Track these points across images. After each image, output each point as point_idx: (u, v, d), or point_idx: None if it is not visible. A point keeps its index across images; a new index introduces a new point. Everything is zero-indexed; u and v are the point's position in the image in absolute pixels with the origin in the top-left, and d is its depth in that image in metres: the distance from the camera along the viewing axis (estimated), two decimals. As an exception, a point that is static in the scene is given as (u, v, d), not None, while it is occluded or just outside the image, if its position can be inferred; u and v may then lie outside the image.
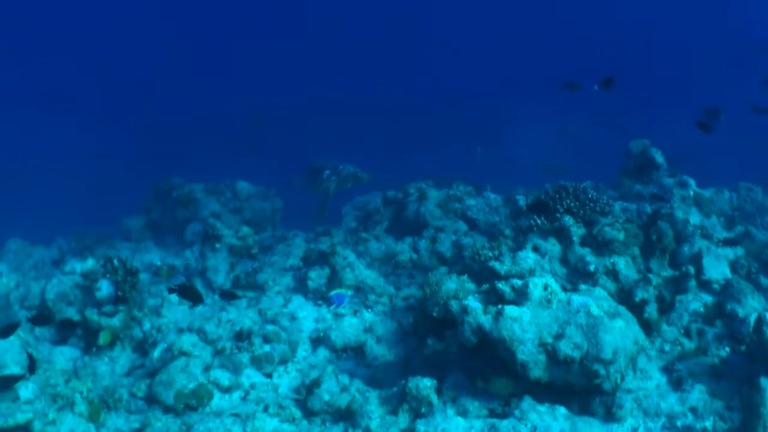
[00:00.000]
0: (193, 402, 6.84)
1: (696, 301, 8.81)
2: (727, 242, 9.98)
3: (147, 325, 8.35)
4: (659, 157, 12.82)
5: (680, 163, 13.37)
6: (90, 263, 8.90)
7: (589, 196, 9.13)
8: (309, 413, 6.91)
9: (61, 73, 41.64)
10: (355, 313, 9.13)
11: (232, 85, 42.88)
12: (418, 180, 13.90)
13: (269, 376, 7.79)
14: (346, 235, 12.41)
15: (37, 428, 5.73)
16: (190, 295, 6.92)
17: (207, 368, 7.45)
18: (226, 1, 48.98)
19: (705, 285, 9.27)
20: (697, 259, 9.58)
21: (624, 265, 8.33)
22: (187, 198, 14.27)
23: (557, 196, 9.17)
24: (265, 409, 6.56)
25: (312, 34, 49.87)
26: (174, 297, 9.61)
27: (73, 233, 14.72)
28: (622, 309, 7.14)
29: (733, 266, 9.73)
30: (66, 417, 5.95)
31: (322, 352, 8.38)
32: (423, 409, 6.59)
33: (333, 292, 8.39)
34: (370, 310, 9.29)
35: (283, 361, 8.03)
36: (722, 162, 19.57)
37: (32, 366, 6.22)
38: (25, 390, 6.00)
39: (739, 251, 10.19)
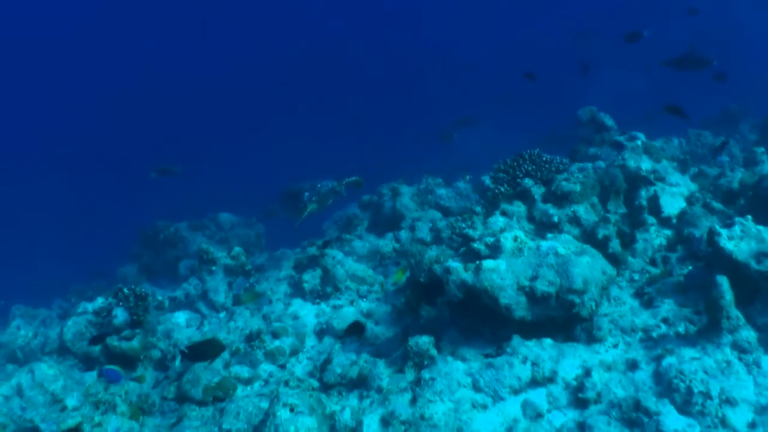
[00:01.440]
0: (219, 394, 7.52)
1: (659, 238, 9.63)
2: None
3: (163, 345, 9.00)
4: (608, 120, 13.73)
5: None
6: (100, 301, 9.52)
7: (544, 158, 9.98)
8: (326, 387, 7.59)
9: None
10: (351, 303, 9.86)
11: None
12: (389, 182, 14.70)
13: (283, 367, 8.48)
14: (332, 244, 13.13)
15: (86, 430, 6.39)
16: (210, 350, 7.22)
17: (227, 365, 8.14)
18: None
19: (665, 222, 10.08)
20: (654, 200, 10.42)
21: (584, 211, 9.14)
22: (174, 237, 15.00)
23: (515, 163, 10.00)
24: (286, 384, 7.25)
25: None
26: (182, 321, 10.31)
27: (72, 290, 15.34)
28: (587, 247, 7.92)
29: (689, 201, 10.56)
30: (110, 418, 6.63)
31: (328, 340, 9.06)
32: (426, 362, 7.31)
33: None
34: (364, 299, 10.01)
35: (294, 353, 8.72)
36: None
37: None
38: (71, 399, 6.69)
39: (693, 187, 11.07)
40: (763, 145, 14.96)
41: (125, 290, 9.03)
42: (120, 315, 8.80)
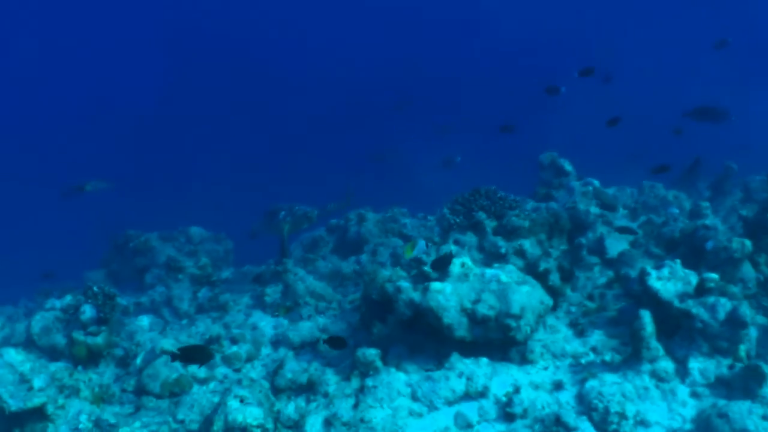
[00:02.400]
0: (176, 390, 8.02)
1: (603, 277, 10.36)
2: (622, 230, 11.52)
3: (126, 344, 9.48)
4: (567, 165, 14.49)
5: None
6: (68, 299, 9.97)
7: (499, 195, 10.70)
8: (276, 390, 8.12)
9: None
10: (309, 317, 10.41)
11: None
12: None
13: (238, 371, 8.99)
14: (295, 262, 13.67)
15: (49, 411, 6.86)
16: (197, 356, 7.14)
17: (185, 365, 8.64)
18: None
19: (609, 263, 10.81)
20: (600, 241, 11.15)
21: (530, 246, 9.82)
22: (144, 246, 15.38)
23: (472, 198, 10.71)
24: (239, 383, 7.77)
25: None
26: (146, 324, 10.78)
27: (38, 291, 15.66)
28: (528, 278, 8.61)
29: (632, 245, 11.29)
30: (73, 402, 7.11)
31: (283, 350, 9.58)
32: (371, 372, 7.88)
33: None
34: (322, 315, 10.57)
35: (250, 359, 9.24)
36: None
37: None
38: (38, 381, 7.15)
39: (639, 232, 11.82)
40: (715, 201, 15.86)
41: (95, 288, 9.51)
42: (88, 311, 9.27)
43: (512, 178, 16.18)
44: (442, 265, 8.46)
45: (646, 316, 7.67)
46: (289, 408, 7.02)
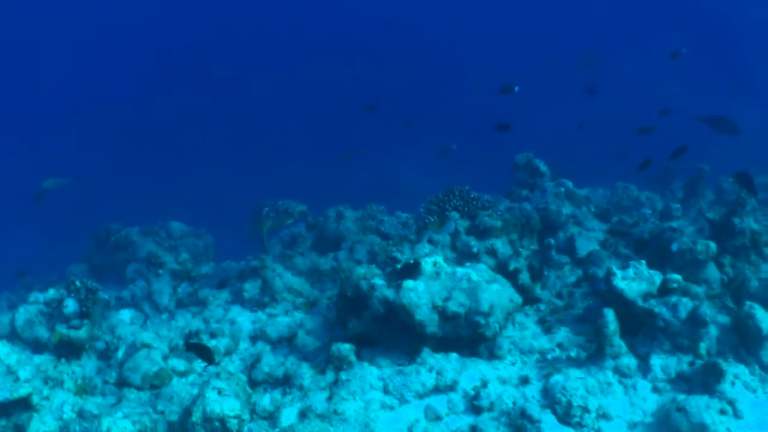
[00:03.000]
0: (156, 382, 8.28)
1: (572, 276, 10.70)
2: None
3: (108, 337, 9.71)
4: (542, 166, 14.83)
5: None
6: (51, 293, 10.16)
7: (472, 195, 11.03)
8: (253, 383, 8.39)
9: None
10: (286, 313, 10.67)
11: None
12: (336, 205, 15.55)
13: (217, 364, 9.23)
14: (274, 258, 13.90)
15: (35, 401, 7.10)
16: (204, 354, 7.55)
17: (165, 358, 8.89)
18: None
19: (579, 262, 11.15)
20: (570, 242, 11.50)
21: (501, 245, 10.13)
22: (125, 241, 15.61)
23: (446, 198, 11.03)
24: (217, 376, 8.03)
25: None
26: (127, 318, 10.99)
27: (20, 284, 15.82)
28: (498, 277, 8.93)
29: (602, 245, 11.63)
30: (57, 393, 7.35)
31: (261, 345, 9.84)
32: (345, 367, 8.17)
33: None
34: (299, 310, 10.83)
35: (228, 353, 9.50)
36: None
37: None
38: (24, 372, 7.39)
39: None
40: (687, 202, 16.24)
41: (77, 283, 9.72)
42: (71, 305, 9.48)
43: (490, 178, 16.51)
44: (410, 272, 8.74)
45: (610, 314, 8.00)
46: (265, 400, 7.31)
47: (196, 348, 7.53)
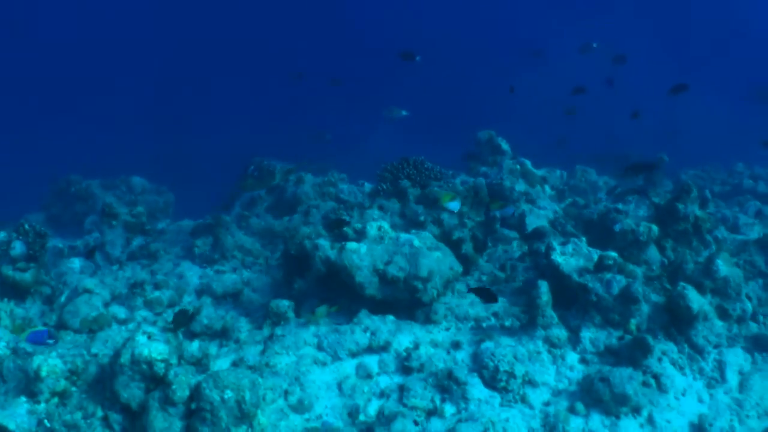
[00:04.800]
0: (95, 327, 8.36)
1: (519, 251, 10.89)
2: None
3: (54, 283, 9.76)
4: (504, 144, 14.98)
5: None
6: (2, 235, 10.18)
7: (426, 166, 11.15)
8: (192, 335, 8.50)
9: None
10: (234, 270, 10.78)
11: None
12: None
13: (159, 315, 9.34)
14: (232, 218, 13.97)
15: (-33, 336, 7.15)
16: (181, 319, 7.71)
17: (106, 305, 8.97)
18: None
19: (527, 238, 11.34)
20: (521, 218, 11.70)
21: (447, 215, 10.28)
22: (85, 192, 15.60)
23: (400, 166, 11.14)
24: (153, 324, 8.15)
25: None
26: (77, 266, 11.02)
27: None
28: (441, 245, 9.09)
29: (552, 223, 11.84)
30: (-8, 329, 7.41)
31: (205, 299, 9.95)
32: (281, 323, 8.31)
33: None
34: (248, 269, 10.94)
35: (172, 305, 9.58)
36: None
37: None
38: (-43, 307, 7.45)
39: (560, 213, 12.38)
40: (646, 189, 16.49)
41: (26, 226, 9.73)
42: (18, 247, 9.50)
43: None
44: (340, 226, 8.89)
45: (543, 286, 8.22)
46: (193, 346, 7.42)
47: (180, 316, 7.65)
